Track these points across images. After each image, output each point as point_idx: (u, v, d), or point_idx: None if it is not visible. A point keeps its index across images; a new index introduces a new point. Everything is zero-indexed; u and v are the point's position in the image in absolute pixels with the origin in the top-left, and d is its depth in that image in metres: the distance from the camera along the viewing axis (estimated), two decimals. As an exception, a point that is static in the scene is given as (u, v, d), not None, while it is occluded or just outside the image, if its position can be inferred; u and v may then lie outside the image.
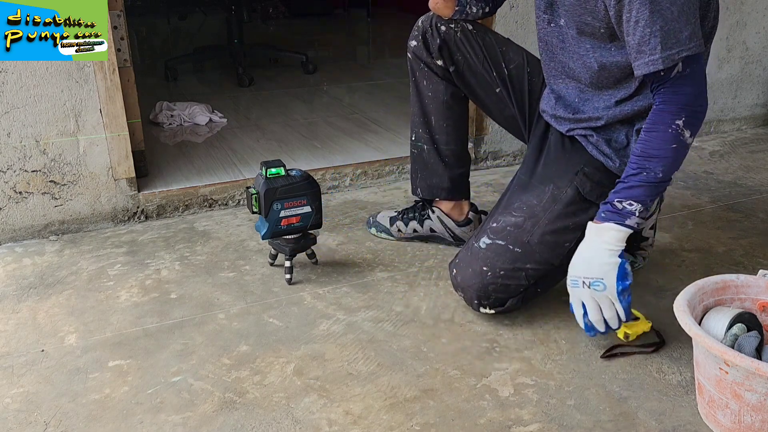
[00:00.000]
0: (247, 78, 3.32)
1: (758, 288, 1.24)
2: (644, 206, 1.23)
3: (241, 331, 1.40)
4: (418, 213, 1.76)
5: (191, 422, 1.14)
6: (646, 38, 1.17)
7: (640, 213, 1.23)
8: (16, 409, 1.17)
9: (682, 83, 1.20)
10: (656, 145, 1.22)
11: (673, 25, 1.16)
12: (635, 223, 1.23)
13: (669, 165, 1.22)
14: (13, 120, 1.69)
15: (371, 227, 1.82)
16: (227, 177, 2.07)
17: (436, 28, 1.57)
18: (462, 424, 1.14)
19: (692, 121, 1.21)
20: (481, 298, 1.38)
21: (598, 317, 1.26)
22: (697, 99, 1.22)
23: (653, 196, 1.24)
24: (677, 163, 1.24)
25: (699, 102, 1.22)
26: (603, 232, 1.24)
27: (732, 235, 1.83)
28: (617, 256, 1.24)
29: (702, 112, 1.23)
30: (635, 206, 1.23)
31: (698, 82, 1.22)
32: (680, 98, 1.21)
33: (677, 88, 1.21)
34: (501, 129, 2.24)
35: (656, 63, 1.18)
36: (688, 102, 1.21)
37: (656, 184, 1.23)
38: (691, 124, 1.21)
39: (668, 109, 1.21)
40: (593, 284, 1.25)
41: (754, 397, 1.03)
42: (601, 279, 1.24)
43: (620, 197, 1.24)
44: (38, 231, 1.80)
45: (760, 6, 2.59)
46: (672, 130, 1.21)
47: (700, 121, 1.23)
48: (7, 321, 1.43)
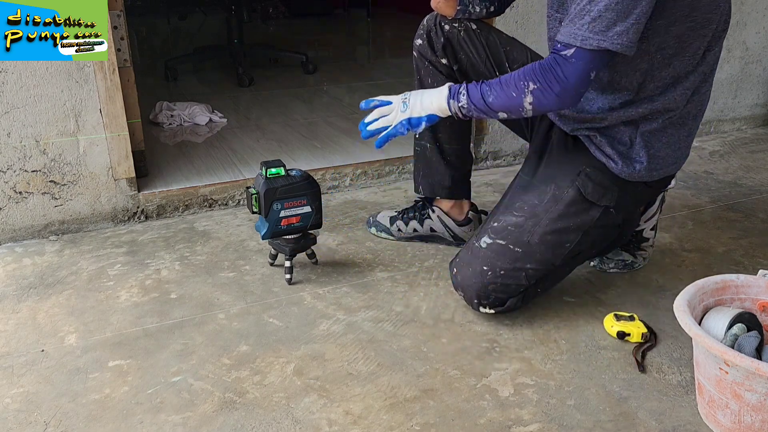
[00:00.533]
0: (247, 78, 3.32)
1: (758, 288, 1.24)
2: (468, 106, 1.34)
3: (241, 331, 1.40)
4: (419, 212, 1.77)
5: (191, 422, 1.14)
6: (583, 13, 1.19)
7: (461, 106, 1.35)
8: (16, 409, 1.17)
9: (561, 64, 1.23)
10: (508, 82, 1.29)
11: (608, 15, 1.17)
12: (454, 108, 1.35)
13: (500, 101, 1.30)
14: (13, 120, 1.69)
15: (371, 227, 1.83)
16: (227, 177, 2.07)
17: (440, 27, 1.58)
18: (462, 424, 1.14)
19: (540, 95, 1.25)
20: (481, 297, 1.39)
21: (381, 112, 1.41)
22: (560, 86, 1.24)
23: (478, 109, 1.34)
24: (506, 109, 1.31)
25: (560, 90, 1.24)
26: (440, 93, 1.37)
27: (732, 235, 1.83)
28: (427, 113, 1.38)
29: (555, 99, 1.26)
30: (464, 99, 1.34)
31: (574, 74, 1.22)
32: (548, 73, 1.24)
33: (554, 65, 1.24)
34: (501, 129, 2.25)
35: (574, 37, 1.20)
36: (550, 81, 1.24)
37: (484, 103, 1.32)
38: (537, 97, 1.26)
39: (536, 70, 1.26)
40: (404, 103, 1.40)
41: (754, 397, 1.03)
42: (410, 106, 1.39)
43: (466, 86, 1.35)
44: (38, 231, 1.80)
45: (760, 6, 2.59)
46: (522, 84, 1.27)
47: (548, 102, 1.26)
48: (7, 321, 1.43)
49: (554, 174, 1.42)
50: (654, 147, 1.37)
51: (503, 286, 1.37)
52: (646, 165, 1.37)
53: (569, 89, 1.24)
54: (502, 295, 1.38)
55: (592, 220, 1.39)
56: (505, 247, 1.38)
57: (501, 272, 1.37)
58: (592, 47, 1.19)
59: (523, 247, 1.37)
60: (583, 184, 1.39)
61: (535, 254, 1.37)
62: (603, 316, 1.42)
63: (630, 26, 1.18)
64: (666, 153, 1.39)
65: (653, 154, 1.38)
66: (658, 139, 1.37)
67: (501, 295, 1.38)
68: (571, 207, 1.39)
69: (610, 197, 1.39)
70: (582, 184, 1.39)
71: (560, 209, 1.39)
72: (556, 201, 1.39)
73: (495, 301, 1.39)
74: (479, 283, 1.38)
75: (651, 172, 1.39)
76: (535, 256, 1.37)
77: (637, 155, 1.37)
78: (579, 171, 1.40)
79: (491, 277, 1.37)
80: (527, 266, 1.37)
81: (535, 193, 1.42)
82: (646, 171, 1.38)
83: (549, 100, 1.26)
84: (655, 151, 1.38)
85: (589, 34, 1.19)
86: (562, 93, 1.24)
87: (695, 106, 1.38)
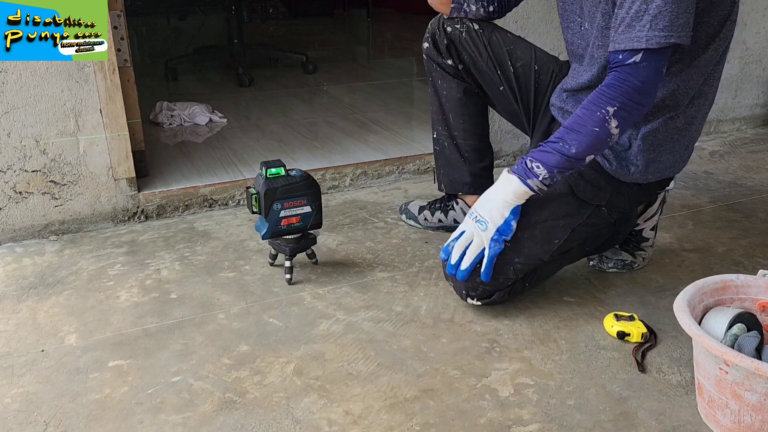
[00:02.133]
0: (247, 78, 3.32)
1: (758, 288, 1.24)
2: (550, 174, 1.28)
3: (241, 331, 1.40)
4: (444, 204, 1.82)
5: (191, 422, 1.14)
6: (641, 14, 1.17)
7: (543, 179, 1.29)
8: (16, 409, 1.17)
9: (632, 73, 1.20)
10: (581, 122, 1.25)
11: (668, 9, 1.15)
12: (536, 186, 1.30)
13: (584, 145, 1.25)
14: (13, 120, 1.69)
15: (402, 213, 1.89)
16: (227, 177, 2.07)
17: (443, 29, 1.61)
18: (462, 424, 1.14)
19: (624, 113, 1.22)
20: (469, 289, 1.41)
21: (462, 246, 1.36)
22: (639, 94, 1.21)
23: (562, 169, 1.28)
24: (593, 148, 1.26)
25: (640, 98, 1.22)
26: (508, 182, 1.32)
27: (732, 235, 1.83)
28: (509, 209, 1.32)
29: (638, 108, 1.23)
30: (542, 171, 1.28)
31: (649, 77, 1.21)
32: (623, 87, 1.21)
33: (626, 76, 1.21)
34: (501, 129, 2.26)
35: (638, 41, 1.18)
36: (628, 93, 1.21)
37: (567, 158, 1.26)
38: (621, 116, 1.22)
39: (607, 93, 1.22)
40: (479, 221, 1.34)
41: (754, 397, 1.03)
42: (486, 220, 1.33)
43: (533, 158, 1.29)
44: (38, 231, 1.80)
45: (760, 6, 2.59)
46: (601, 113, 1.22)
47: (633, 116, 1.24)
48: (7, 321, 1.43)
49: None
50: (653, 152, 1.37)
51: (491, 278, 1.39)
52: (641, 168, 1.37)
53: (649, 92, 1.22)
54: (490, 287, 1.40)
55: (581, 218, 1.39)
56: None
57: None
58: (660, 45, 1.17)
59: (512, 241, 1.38)
60: (575, 182, 1.40)
61: (523, 249, 1.38)
62: (603, 316, 1.42)
63: (690, 16, 1.16)
64: (664, 158, 1.39)
65: (651, 159, 1.38)
66: (659, 143, 1.37)
67: (488, 288, 1.40)
68: (561, 204, 1.39)
69: (601, 196, 1.39)
70: (574, 182, 1.40)
71: (550, 206, 1.39)
72: (547, 197, 1.39)
73: (483, 294, 1.41)
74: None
75: (646, 175, 1.39)
76: (523, 251, 1.38)
77: (634, 158, 1.37)
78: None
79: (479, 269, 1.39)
80: (515, 260, 1.38)
81: None
82: (640, 174, 1.38)
83: (635, 113, 1.23)
84: (654, 156, 1.38)
85: (654, 33, 1.16)
86: (643, 100, 1.22)
87: (698, 109, 1.38)
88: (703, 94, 1.37)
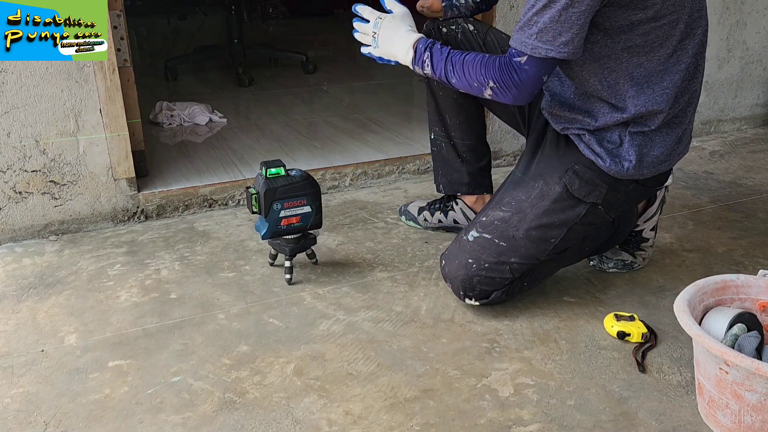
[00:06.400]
0: (247, 78, 3.32)
1: (758, 288, 1.24)
2: (431, 75, 1.42)
3: (241, 331, 1.40)
4: (443, 204, 1.83)
5: (191, 422, 1.14)
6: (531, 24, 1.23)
7: (425, 72, 1.42)
8: (16, 409, 1.17)
9: (516, 70, 1.28)
10: (469, 70, 1.34)
11: (553, 27, 1.21)
12: (413, 68, 1.43)
13: (461, 86, 1.37)
14: (13, 120, 1.69)
15: (402, 215, 1.90)
16: (227, 177, 2.07)
17: (438, 30, 1.62)
18: (462, 424, 1.14)
19: (500, 93, 1.32)
20: (467, 289, 1.41)
21: (356, 28, 1.53)
22: (517, 89, 1.30)
23: (438, 81, 1.43)
24: (467, 90, 1.38)
25: (517, 92, 1.30)
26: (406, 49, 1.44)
27: (732, 235, 1.83)
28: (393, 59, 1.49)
29: (512, 98, 1.32)
30: (428, 70, 1.41)
31: (528, 79, 1.28)
32: (505, 76, 1.29)
33: (511, 69, 1.29)
34: (501, 129, 2.26)
35: (525, 46, 1.25)
36: (508, 83, 1.29)
37: (447, 81, 1.39)
38: (496, 93, 1.33)
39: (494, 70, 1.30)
40: (374, 40, 1.50)
41: (754, 397, 1.03)
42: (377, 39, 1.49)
43: (431, 56, 1.40)
44: (38, 231, 1.80)
45: (760, 6, 2.59)
46: (484, 78, 1.32)
47: (506, 100, 1.34)
48: (7, 321, 1.43)
49: (543, 171, 1.44)
50: (645, 146, 1.37)
51: (488, 279, 1.40)
52: (635, 164, 1.37)
53: (524, 92, 1.31)
54: (487, 287, 1.41)
55: (577, 217, 1.39)
56: (490, 241, 1.40)
57: (485, 265, 1.39)
58: (541, 56, 1.24)
59: (508, 241, 1.39)
60: (570, 180, 1.40)
61: (520, 249, 1.39)
62: (603, 316, 1.42)
63: (574, 35, 1.22)
64: (657, 152, 1.38)
65: (644, 153, 1.37)
66: (649, 138, 1.37)
67: (486, 288, 1.41)
68: (556, 203, 1.39)
69: (597, 194, 1.39)
70: (569, 181, 1.40)
71: (546, 205, 1.40)
72: (542, 197, 1.40)
73: (480, 294, 1.41)
74: (464, 275, 1.40)
75: (641, 170, 1.38)
76: (520, 250, 1.39)
77: (626, 154, 1.37)
78: (567, 168, 1.40)
79: (476, 269, 1.39)
80: (512, 260, 1.39)
81: (523, 189, 1.44)
82: (635, 169, 1.38)
83: (506, 99, 1.34)
84: (646, 150, 1.37)
85: (537, 44, 1.23)
86: (517, 95, 1.32)
87: (684, 107, 1.37)
88: (689, 90, 1.35)
